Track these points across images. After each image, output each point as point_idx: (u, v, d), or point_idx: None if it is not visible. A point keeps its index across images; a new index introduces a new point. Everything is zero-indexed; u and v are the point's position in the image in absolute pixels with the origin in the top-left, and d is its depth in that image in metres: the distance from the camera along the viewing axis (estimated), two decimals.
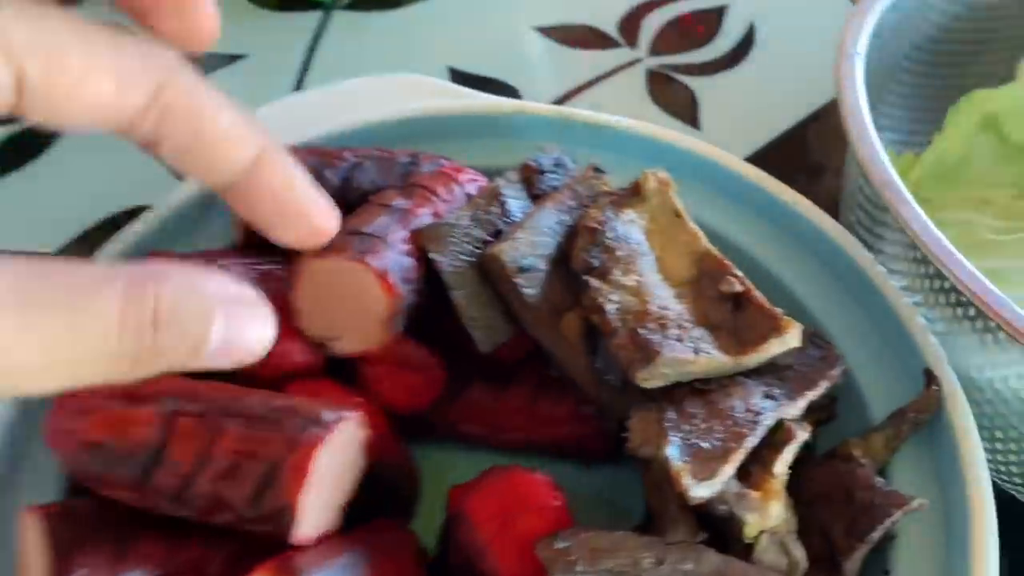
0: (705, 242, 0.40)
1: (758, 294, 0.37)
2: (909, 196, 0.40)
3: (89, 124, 0.26)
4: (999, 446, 0.42)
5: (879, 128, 0.51)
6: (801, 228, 0.45)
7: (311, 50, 0.74)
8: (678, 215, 0.41)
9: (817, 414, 0.41)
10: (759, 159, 0.67)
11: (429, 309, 0.41)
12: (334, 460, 0.34)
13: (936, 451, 0.39)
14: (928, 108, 0.58)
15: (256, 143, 0.28)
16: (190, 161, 0.28)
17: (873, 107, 0.46)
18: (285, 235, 0.30)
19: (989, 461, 0.42)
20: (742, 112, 0.70)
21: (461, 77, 0.73)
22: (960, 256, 0.38)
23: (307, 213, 0.30)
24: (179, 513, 0.34)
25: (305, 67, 0.73)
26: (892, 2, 0.50)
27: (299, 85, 0.71)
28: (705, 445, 0.33)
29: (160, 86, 0.26)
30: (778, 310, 0.36)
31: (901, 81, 0.57)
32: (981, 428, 0.40)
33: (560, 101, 0.71)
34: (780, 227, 0.46)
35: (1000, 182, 0.51)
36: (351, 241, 0.37)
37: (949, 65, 0.58)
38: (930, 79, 0.58)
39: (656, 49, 0.76)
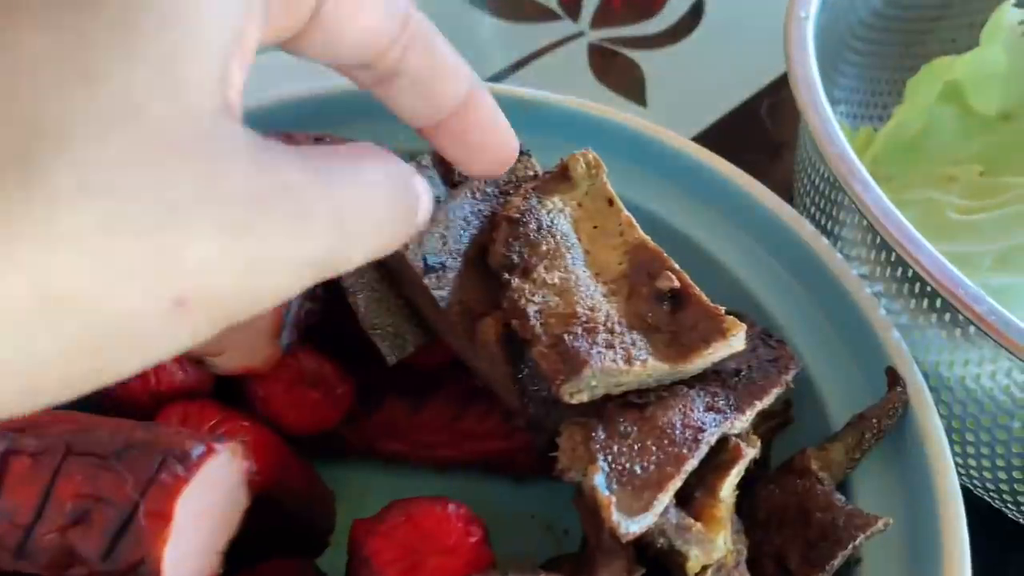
0: (640, 232, 0.35)
1: (698, 291, 0.32)
2: (866, 172, 0.36)
3: (352, 55, 0.25)
4: (971, 451, 0.38)
5: (834, 102, 0.47)
6: (749, 212, 0.41)
7: None
8: (611, 202, 0.36)
9: (770, 421, 0.37)
10: (711, 136, 0.63)
11: (332, 316, 0.37)
12: (205, 500, 0.29)
13: (902, 460, 0.35)
14: (886, 79, 0.55)
15: (469, 76, 0.28)
16: (419, 96, 0.27)
17: (827, 78, 0.42)
18: (481, 166, 0.30)
19: (960, 467, 0.38)
20: (692, 87, 0.66)
21: None
22: (924, 240, 0.34)
23: (504, 144, 0.30)
24: (25, 570, 0.30)
25: None
26: None
27: None
28: (638, 470, 0.29)
29: (408, 15, 0.25)
30: (721, 309, 0.31)
31: (856, 50, 0.53)
32: (951, 432, 0.37)
33: (497, 79, 0.66)
34: (726, 212, 0.42)
35: (964, 157, 0.47)
36: None
37: (908, 32, 0.55)
38: (888, 47, 0.54)
39: (599, 22, 0.71)
